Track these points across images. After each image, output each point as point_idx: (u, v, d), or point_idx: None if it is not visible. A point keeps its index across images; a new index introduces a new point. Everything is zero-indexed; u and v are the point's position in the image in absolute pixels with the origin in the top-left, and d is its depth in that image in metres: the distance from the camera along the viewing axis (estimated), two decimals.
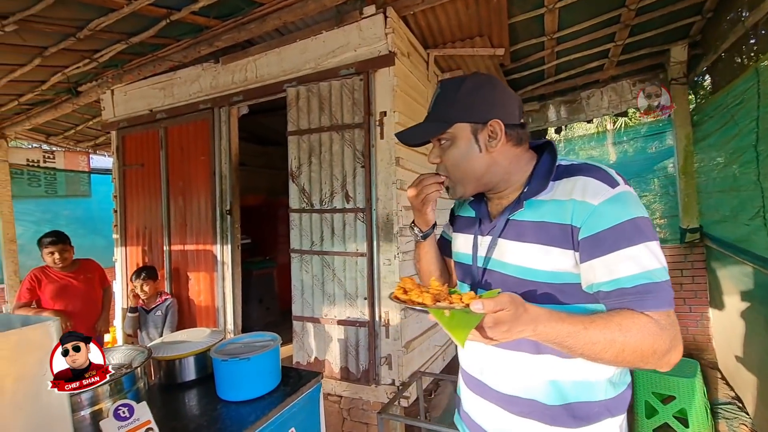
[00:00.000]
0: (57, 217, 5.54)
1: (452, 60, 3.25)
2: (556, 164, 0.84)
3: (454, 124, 0.87)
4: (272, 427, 1.31)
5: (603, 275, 0.74)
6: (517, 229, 0.86)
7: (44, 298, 2.84)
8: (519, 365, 0.86)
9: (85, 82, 3.46)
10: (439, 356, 3.10)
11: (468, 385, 1.00)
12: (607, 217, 0.74)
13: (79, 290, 2.96)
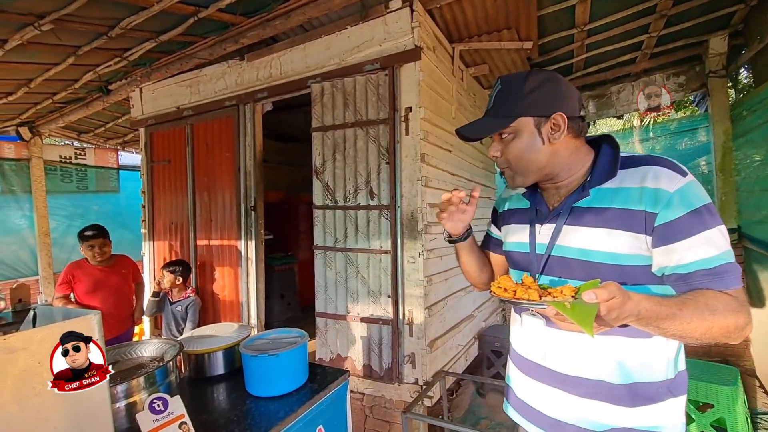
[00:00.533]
0: (87, 212, 5.73)
1: (477, 54, 3.18)
2: (620, 155, 0.89)
3: (518, 119, 0.91)
4: (301, 424, 1.31)
5: (684, 258, 0.78)
6: (583, 215, 0.89)
7: (79, 292, 2.84)
8: (585, 347, 0.90)
9: (115, 80, 3.56)
10: (461, 356, 3.06)
11: (525, 371, 1.03)
12: (684, 203, 0.78)
13: (113, 286, 2.94)
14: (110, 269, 2.95)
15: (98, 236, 2.88)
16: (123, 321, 3.01)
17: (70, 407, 0.77)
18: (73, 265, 2.90)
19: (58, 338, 0.75)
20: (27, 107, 4.00)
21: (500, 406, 3.22)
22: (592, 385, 0.90)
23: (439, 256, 2.65)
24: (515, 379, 1.07)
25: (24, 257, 5.06)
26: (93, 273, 2.88)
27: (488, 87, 3.91)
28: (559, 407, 0.95)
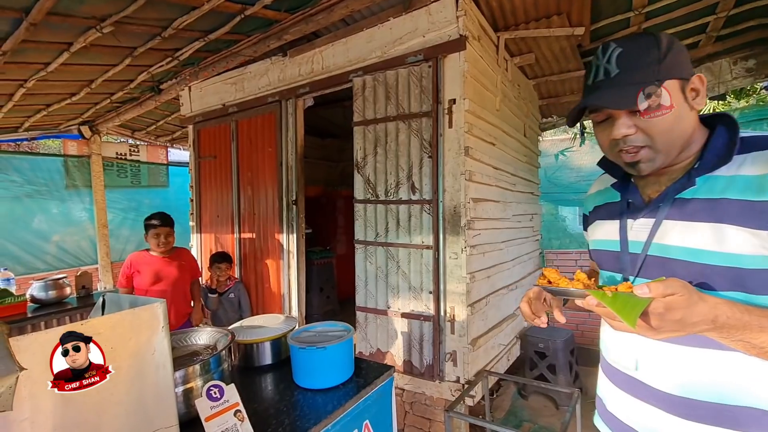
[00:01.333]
0: (140, 206, 6.08)
1: (523, 42, 3.05)
2: (738, 136, 0.74)
3: (666, 82, 0.74)
4: (348, 418, 1.30)
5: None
6: (687, 208, 0.75)
7: (139, 282, 2.81)
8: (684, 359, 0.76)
9: (166, 80, 3.72)
10: (503, 356, 2.97)
11: (615, 381, 0.90)
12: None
13: (172, 277, 2.89)
14: (170, 260, 2.91)
15: (165, 225, 2.84)
16: (180, 315, 2.98)
17: (138, 391, 0.80)
18: (133, 257, 2.87)
19: (127, 325, 0.78)
20: (88, 107, 4.28)
21: (543, 409, 3.13)
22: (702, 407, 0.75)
23: (482, 252, 2.58)
24: (604, 389, 0.95)
25: (85, 247, 5.45)
26: (154, 263, 2.85)
27: (533, 77, 3.76)
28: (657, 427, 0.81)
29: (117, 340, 0.78)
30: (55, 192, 5.17)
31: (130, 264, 2.84)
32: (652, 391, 0.81)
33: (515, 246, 3.32)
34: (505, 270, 3.05)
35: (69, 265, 5.26)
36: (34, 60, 2.82)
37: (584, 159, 4.92)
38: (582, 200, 4.03)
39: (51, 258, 5.13)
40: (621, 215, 0.88)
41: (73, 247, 5.36)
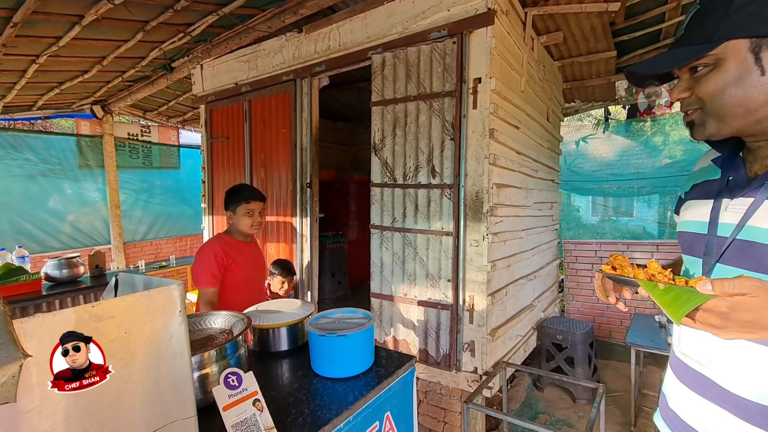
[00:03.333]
0: (152, 187, 6.08)
1: (551, 20, 2.88)
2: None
3: (725, 42, 0.66)
4: (370, 409, 1.24)
5: None
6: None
7: (235, 276, 2.06)
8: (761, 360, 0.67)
9: (178, 57, 3.63)
10: (520, 347, 2.90)
11: (681, 377, 0.82)
12: None
13: (261, 270, 2.27)
14: (252, 248, 2.23)
15: (261, 199, 2.13)
16: None
17: (154, 379, 0.74)
18: (218, 245, 2.03)
19: (142, 308, 0.71)
20: (100, 85, 4.22)
21: (559, 401, 3.06)
22: None
23: (503, 240, 2.48)
24: (670, 384, 0.88)
25: (99, 227, 5.48)
26: (244, 250, 2.11)
27: (559, 58, 3.58)
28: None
29: (131, 324, 0.71)
30: (69, 171, 5.17)
31: (224, 252, 2.01)
32: (723, 392, 0.73)
33: (535, 235, 3.21)
34: (525, 259, 2.96)
35: (83, 244, 5.29)
36: (45, 33, 2.75)
37: (605, 147, 4.75)
38: (602, 189, 3.86)
39: (65, 237, 5.17)
40: (717, 194, 0.78)
41: (87, 227, 5.38)
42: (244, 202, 2.05)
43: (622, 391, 3.11)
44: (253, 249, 2.21)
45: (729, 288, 0.55)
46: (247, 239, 2.17)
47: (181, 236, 6.54)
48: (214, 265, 1.97)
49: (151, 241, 6.16)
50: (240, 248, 2.10)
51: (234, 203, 2.07)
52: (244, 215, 2.06)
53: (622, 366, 3.32)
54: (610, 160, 4.55)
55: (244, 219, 2.06)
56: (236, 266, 2.05)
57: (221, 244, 2.04)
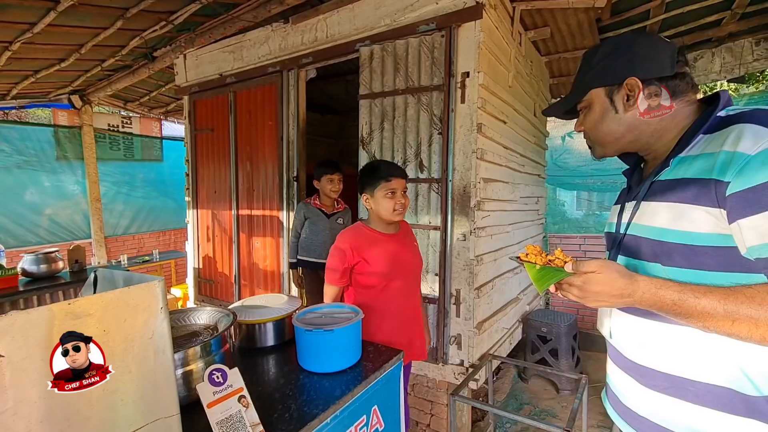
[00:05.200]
0: (134, 180, 5.93)
1: (539, 15, 2.89)
2: (714, 114, 0.76)
3: (590, 91, 0.89)
4: (357, 404, 1.24)
5: (753, 238, 0.63)
6: (660, 189, 0.80)
7: (371, 276, 1.66)
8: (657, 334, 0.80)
9: (160, 47, 3.53)
10: (506, 340, 2.94)
11: (606, 350, 0.99)
12: (765, 168, 0.62)
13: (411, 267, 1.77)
14: (403, 238, 1.77)
15: (404, 175, 1.69)
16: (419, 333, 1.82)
17: (135, 378, 0.72)
18: (348, 237, 1.67)
19: (122, 304, 0.69)
20: (78, 74, 4.08)
21: (543, 392, 3.12)
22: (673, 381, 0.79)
23: (490, 234, 2.50)
24: (608, 368, 1.01)
25: (78, 221, 5.33)
26: (384, 242, 1.69)
27: (546, 54, 3.60)
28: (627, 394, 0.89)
29: (110, 322, 0.69)
30: (46, 163, 5.00)
31: (352, 247, 1.64)
32: (623, 358, 0.89)
33: (522, 229, 3.25)
34: (510, 253, 2.98)
35: (62, 239, 5.14)
36: (19, 19, 2.64)
37: None
38: (586, 184, 3.94)
39: (43, 231, 5.01)
40: (623, 199, 0.96)
41: (66, 221, 5.23)
42: (383, 181, 1.62)
43: (604, 381, 3.19)
44: (399, 241, 1.73)
45: (582, 267, 0.72)
46: (391, 228, 1.72)
47: (165, 230, 6.41)
48: (338, 261, 1.65)
49: (133, 236, 6.02)
50: (377, 241, 1.67)
51: (370, 184, 1.65)
52: (384, 197, 1.62)
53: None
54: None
55: (384, 202, 1.62)
56: (369, 263, 1.64)
57: (351, 237, 1.66)
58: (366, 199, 1.68)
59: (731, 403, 0.71)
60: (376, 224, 1.70)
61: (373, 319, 1.64)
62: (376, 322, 1.66)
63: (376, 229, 1.69)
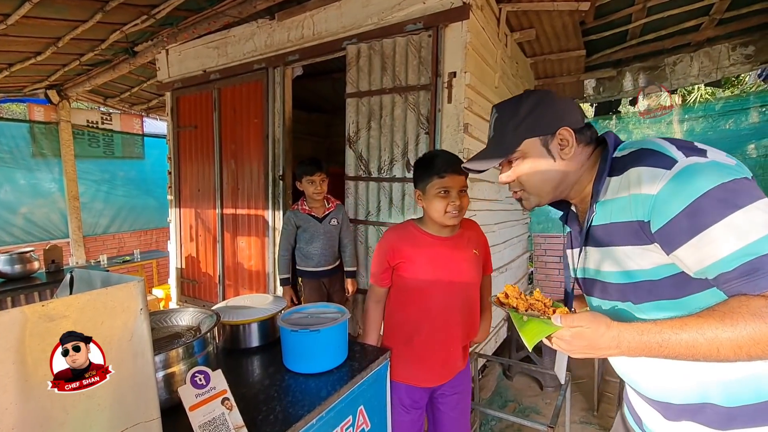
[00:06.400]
0: (114, 178, 5.78)
1: (525, 17, 2.92)
2: (611, 159, 0.81)
3: (523, 142, 0.88)
4: (343, 404, 1.23)
5: (694, 264, 0.66)
6: (597, 234, 0.84)
7: (402, 279, 1.49)
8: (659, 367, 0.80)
9: (141, 41, 3.44)
10: (492, 338, 2.97)
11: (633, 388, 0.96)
12: (673, 201, 0.66)
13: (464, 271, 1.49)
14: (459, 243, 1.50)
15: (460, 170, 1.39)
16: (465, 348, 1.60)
17: (113, 382, 0.70)
18: (393, 235, 1.52)
19: (99, 306, 0.67)
20: (55, 68, 3.95)
21: (528, 389, 3.16)
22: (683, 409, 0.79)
23: None
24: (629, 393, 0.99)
25: (55, 220, 5.16)
26: (432, 246, 1.47)
27: (532, 55, 3.65)
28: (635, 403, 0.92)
29: (87, 324, 0.66)
30: (21, 161, 4.83)
31: (394, 247, 1.48)
32: (642, 395, 0.88)
33: (507, 228, 3.28)
34: (496, 253, 3.01)
35: (38, 238, 4.97)
36: None
37: None
38: None
39: (18, 231, 4.84)
40: (570, 245, 1.00)
41: (42, 220, 5.06)
42: (436, 177, 1.38)
43: (587, 378, 3.25)
44: (454, 246, 1.48)
45: (570, 322, 0.73)
46: (445, 231, 1.47)
47: (146, 229, 6.26)
48: (378, 261, 1.50)
49: (113, 235, 5.87)
50: (424, 243, 1.46)
51: (422, 180, 1.42)
52: (435, 196, 1.38)
53: None
54: None
55: (435, 202, 1.38)
56: (409, 267, 1.45)
57: (396, 236, 1.49)
58: (418, 196, 1.46)
59: (715, 419, 0.74)
60: (427, 225, 1.48)
61: (405, 330, 1.49)
62: (409, 333, 1.48)
63: (425, 230, 1.47)
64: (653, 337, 0.68)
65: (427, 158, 1.45)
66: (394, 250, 1.46)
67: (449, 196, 1.37)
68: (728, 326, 0.62)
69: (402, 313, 1.52)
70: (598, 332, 0.71)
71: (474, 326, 1.58)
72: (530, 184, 0.91)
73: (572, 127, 0.85)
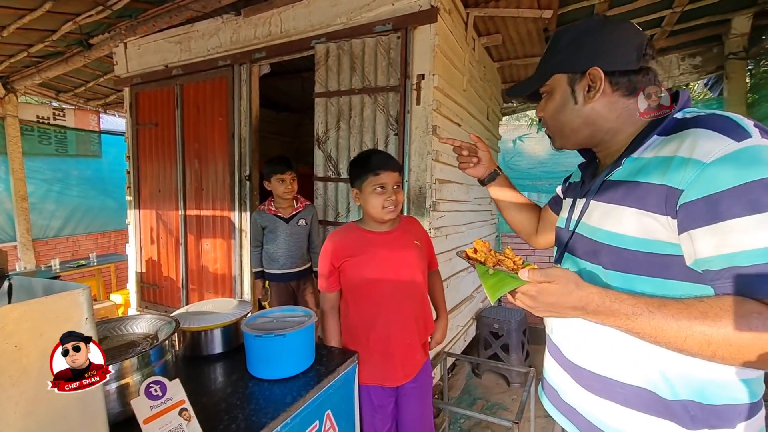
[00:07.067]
0: (68, 177, 5.45)
1: (492, 22, 2.99)
2: (671, 116, 0.72)
3: (552, 76, 0.85)
4: (309, 409, 1.21)
5: (709, 249, 0.60)
6: (612, 190, 0.77)
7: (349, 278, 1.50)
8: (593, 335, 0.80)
9: (97, 33, 3.26)
10: (460, 337, 3.01)
11: (549, 350, 0.97)
12: (723, 177, 0.59)
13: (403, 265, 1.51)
14: (399, 237, 1.53)
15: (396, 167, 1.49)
16: (422, 343, 1.59)
17: (54, 398, 0.65)
18: (337, 237, 1.53)
19: (37, 316, 0.62)
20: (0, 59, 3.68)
21: (495, 386, 3.24)
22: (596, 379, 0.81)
23: (445, 234, 2.55)
24: (546, 363, 0.99)
25: (0, 222, 4.80)
26: (376, 243, 1.50)
27: (498, 60, 3.74)
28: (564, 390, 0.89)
29: (23, 336, 0.61)
30: None
31: (340, 247, 1.49)
32: (562, 357, 0.88)
33: (476, 229, 3.34)
34: None
35: None
36: None
37: (539, 146, 5.06)
38: (536, 186, 4.15)
39: None
40: (576, 194, 0.92)
41: None
42: (371, 174, 1.43)
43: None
44: (395, 239, 1.51)
45: (538, 276, 0.67)
46: (385, 226, 1.51)
47: (104, 232, 5.94)
48: (324, 264, 1.50)
49: (67, 238, 5.53)
50: (366, 240, 1.48)
51: (358, 178, 1.46)
52: (371, 193, 1.43)
53: None
54: (543, 158, 4.86)
55: (372, 198, 1.43)
56: (353, 265, 1.47)
57: (338, 237, 1.51)
58: (355, 195, 1.51)
59: (652, 405, 0.72)
60: (366, 223, 1.53)
61: (361, 329, 1.51)
62: (365, 332, 1.50)
63: (365, 228, 1.51)
64: (625, 308, 0.64)
65: (362, 158, 1.51)
66: (337, 251, 1.49)
67: (385, 192, 1.43)
68: (709, 321, 0.59)
69: (355, 313, 1.53)
70: (567, 289, 0.66)
71: (428, 319, 1.62)
72: (551, 123, 0.88)
73: (611, 68, 0.76)
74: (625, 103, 0.79)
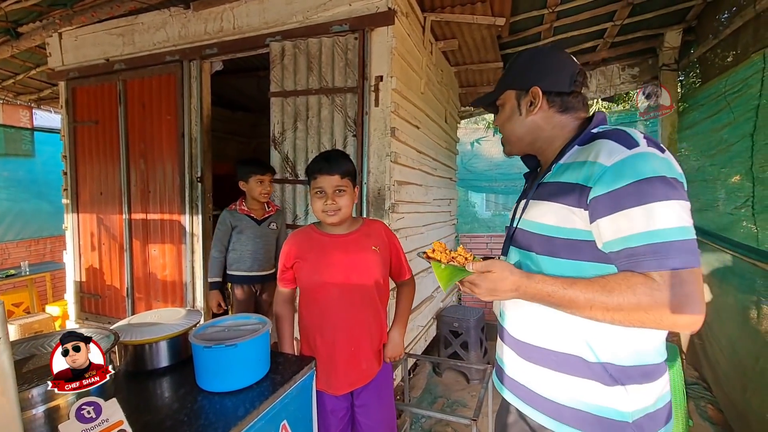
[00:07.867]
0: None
1: (448, 27, 3.05)
2: (587, 130, 0.89)
3: (505, 92, 1.00)
4: (263, 422, 1.16)
5: (610, 234, 0.76)
6: (543, 190, 0.92)
7: (307, 276, 1.47)
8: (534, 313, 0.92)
9: (26, 22, 2.98)
10: (421, 337, 3.04)
11: (499, 332, 1.09)
12: (618, 177, 0.75)
13: (363, 269, 1.48)
14: (354, 240, 1.49)
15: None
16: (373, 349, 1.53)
17: None
18: (294, 236, 1.53)
19: None
20: None
21: (455, 384, 3.29)
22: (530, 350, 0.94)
23: (405, 236, 2.56)
24: (497, 348, 1.11)
25: None
26: (329, 243, 1.48)
27: (455, 64, 3.82)
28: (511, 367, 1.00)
29: None
30: None
31: (296, 245, 1.50)
32: (509, 336, 1.00)
33: (435, 230, 3.39)
34: None
35: None
36: None
37: (495, 148, 5.24)
38: (492, 187, 4.27)
39: None
40: (520, 199, 1.06)
41: None
42: (312, 179, 1.45)
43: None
44: (350, 243, 1.48)
45: (479, 267, 0.84)
46: (339, 229, 1.49)
47: (38, 238, 5.44)
48: (281, 262, 1.52)
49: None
50: (318, 242, 1.47)
51: (308, 183, 1.49)
52: (314, 196, 1.44)
53: None
54: (499, 161, 5.04)
55: (314, 202, 1.44)
56: (303, 266, 1.46)
57: (294, 238, 1.51)
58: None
59: (579, 368, 0.86)
60: (322, 225, 1.51)
61: (311, 332, 1.49)
62: (313, 335, 1.48)
63: (321, 230, 1.50)
64: (546, 287, 0.81)
65: (313, 159, 1.48)
66: (290, 251, 1.49)
67: (325, 196, 1.40)
68: (606, 291, 0.74)
69: (306, 315, 1.51)
70: (502, 275, 0.82)
71: (383, 328, 1.57)
72: (503, 131, 1.05)
73: (549, 89, 0.92)
74: (559, 118, 0.95)
